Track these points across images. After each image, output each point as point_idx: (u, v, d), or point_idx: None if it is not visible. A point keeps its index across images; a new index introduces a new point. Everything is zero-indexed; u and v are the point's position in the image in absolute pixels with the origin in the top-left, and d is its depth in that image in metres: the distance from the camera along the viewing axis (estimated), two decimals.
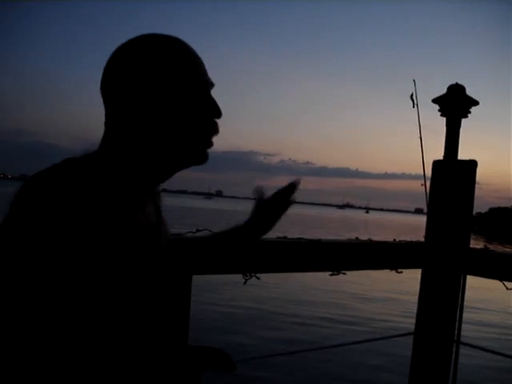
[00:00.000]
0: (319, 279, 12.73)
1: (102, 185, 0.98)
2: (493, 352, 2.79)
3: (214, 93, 1.15)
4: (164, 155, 1.09)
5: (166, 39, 1.10)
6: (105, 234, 0.95)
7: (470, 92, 2.44)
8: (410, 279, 2.95)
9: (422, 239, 2.51)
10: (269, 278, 2.11)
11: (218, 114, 1.14)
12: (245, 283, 1.86)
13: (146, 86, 1.05)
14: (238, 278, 1.86)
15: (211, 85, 1.15)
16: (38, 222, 0.89)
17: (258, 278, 1.87)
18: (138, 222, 1.07)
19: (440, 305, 2.44)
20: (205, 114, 1.12)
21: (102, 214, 0.95)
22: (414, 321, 2.54)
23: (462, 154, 2.46)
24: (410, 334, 2.55)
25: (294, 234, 2.17)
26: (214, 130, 1.14)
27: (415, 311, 2.53)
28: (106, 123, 1.11)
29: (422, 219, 2.62)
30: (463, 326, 2.49)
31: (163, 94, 1.06)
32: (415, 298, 2.52)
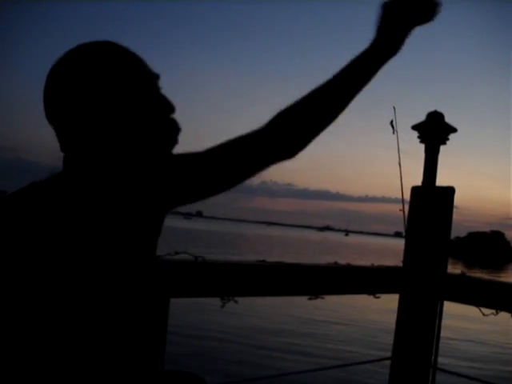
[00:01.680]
0: (296, 303, 12.71)
1: (48, 210, 1.01)
2: (469, 378, 2.80)
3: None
4: (129, 164, 1.07)
5: (100, 47, 1.05)
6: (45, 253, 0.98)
7: (448, 118, 2.48)
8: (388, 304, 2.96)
9: (400, 264, 2.53)
10: (245, 302, 2.10)
11: (171, 109, 1.11)
12: (222, 307, 1.85)
13: (94, 99, 1.02)
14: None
15: (156, 78, 1.11)
16: None
17: (236, 302, 1.86)
18: (96, 237, 1.07)
19: (417, 330, 2.45)
20: (158, 113, 1.08)
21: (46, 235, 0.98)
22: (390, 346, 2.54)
23: (441, 179, 2.49)
24: (387, 358, 2.55)
25: (272, 257, 2.17)
26: (173, 127, 1.12)
27: (392, 336, 2.54)
28: (63, 146, 1.09)
29: (402, 243, 2.64)
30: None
31: (113, 103, 1.03)
32: (393, 323, 2.52)
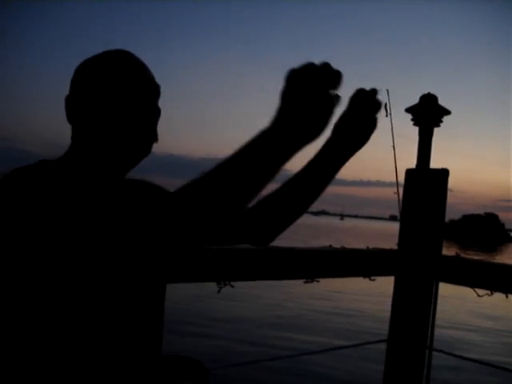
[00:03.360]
0: (292, 287, 12.77)
1: (69, 183, 1.06)
2: (464, 358, 2.82)
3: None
4: (114, 154, 1.18)
5: (115, 56, 1.19)
6: (68, 228, 0.97)
7: (442, 101, 2.48)
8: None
9: (395, 246, 2.54)
10: (243, 286, 2.11)
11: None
12: (219, 292, 1.86)
13: (98, 98, 1.15)
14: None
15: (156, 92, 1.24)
16: (13, 217, 0.95)
17: (232, 286, 1.87)
18: (101, 218, 1.07)
19: (413, 312, 2.46)
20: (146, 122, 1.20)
21: (66, 209, 0.98)
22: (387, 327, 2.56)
23: (435, 162, 2.50)
24: (383, 340, 2.57)
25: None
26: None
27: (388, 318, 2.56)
28: (73, 135, 1.21)
29: (396, 226, 2.65)
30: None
31: (112, 104, 1.15)
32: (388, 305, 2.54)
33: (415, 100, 2.51)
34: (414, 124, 2.52)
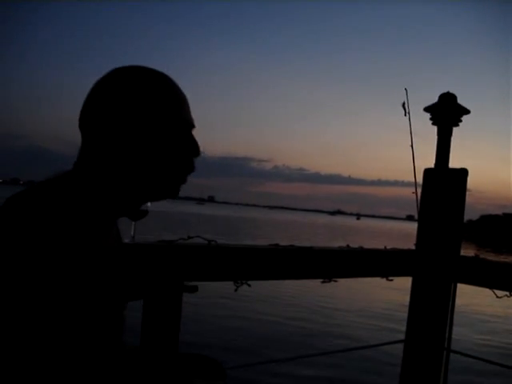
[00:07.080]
0: (310, 287, 12.73)
1: (75, 210, 0.98)
2: (482, 360, 2.79)
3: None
4: (137, 188, 1.10)
5: (152, 74, 1.09)
6: (73, 255, 0.93)
7: (461, 100, 2.46)
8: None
9: (413, 247, 2.52)
10: (260, 285, 2.11)
11: (197, 153, 1.13)
12: (236, 290, 1.85)
13: (127, 119, 1.04)
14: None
15: (192, 125, 1.14)
16: (16, 244, 0.89)
17: (249, 286, 1.86)
18: (103, 245, 1.07)
19: (430, 312, 2.45)
20: (183, 154, 1.12)
21: (72, 237, 0.94)
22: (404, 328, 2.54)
23: (454, 162, 2.48)
24: (400, 341, 2.56)
25: (284, 241, 2.17)
26: (191, 168, 1.14)
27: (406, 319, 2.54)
28: (82, 149, 1.10)
29: (413, 226, 2.63)
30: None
31: (143, 129, 1.05)
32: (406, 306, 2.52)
33: (434, 99, 2.48)
34: (433, 123, 2.49)
